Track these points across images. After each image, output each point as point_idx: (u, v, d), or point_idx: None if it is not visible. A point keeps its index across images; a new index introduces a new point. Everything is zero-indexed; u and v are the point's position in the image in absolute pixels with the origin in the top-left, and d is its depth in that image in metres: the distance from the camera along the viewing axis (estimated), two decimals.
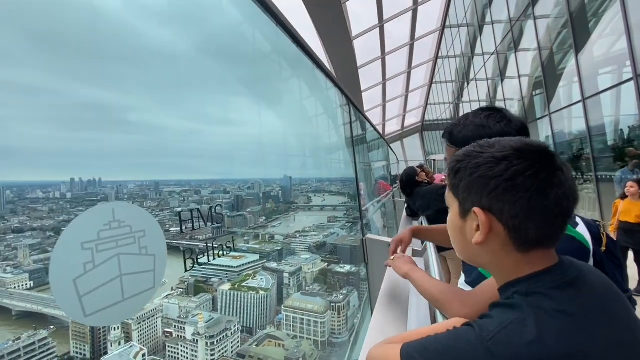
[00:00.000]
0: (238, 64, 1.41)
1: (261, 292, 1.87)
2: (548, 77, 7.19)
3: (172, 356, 1.63)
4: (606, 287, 0.57)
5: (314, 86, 2.65)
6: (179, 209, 0.81)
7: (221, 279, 1.81)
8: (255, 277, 1.91)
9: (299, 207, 2.15)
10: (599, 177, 5.60)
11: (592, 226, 0.81)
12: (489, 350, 0.48)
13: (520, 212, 0.53)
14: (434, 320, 0.98)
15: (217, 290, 1.80)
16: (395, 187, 7.72)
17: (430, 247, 1.72)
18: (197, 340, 1.65)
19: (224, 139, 1.05)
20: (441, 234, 1.54)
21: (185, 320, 1.69)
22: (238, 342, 1.75)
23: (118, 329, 1.53)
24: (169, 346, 1.63)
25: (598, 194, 5.59)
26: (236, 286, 1.85)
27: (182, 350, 1.64)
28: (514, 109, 9.23)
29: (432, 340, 0.55)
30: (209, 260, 0.93)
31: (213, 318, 1.73)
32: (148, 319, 1.60)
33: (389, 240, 2.79)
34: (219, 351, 1.68)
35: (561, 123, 6.93)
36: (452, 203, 0.63)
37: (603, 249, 0.82)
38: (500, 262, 0.58)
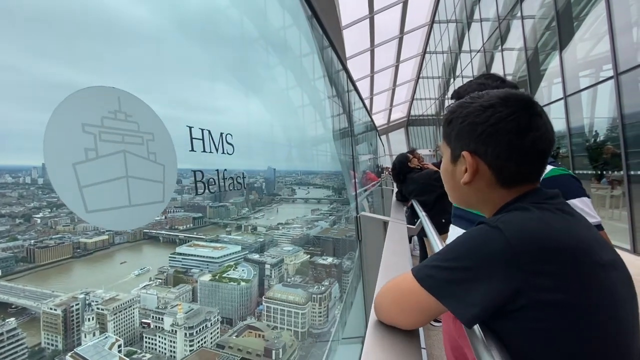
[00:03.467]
0: (223, 47, 1.36)
1: (242, 283, 1.86)
2: (532, 76, 7.36)
3: (149, 347, 1.60)
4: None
5: (303, 76, 2.61)
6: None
7: (201, 270, 1.79)
8: (236, 268, 1.89)
9: (282, 199, 2.13)
10: (576, 174, 5.81)
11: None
12: (497, 228, 0.52)
13: (501, 153, 0.59)
14: None
15: (197, 281, 1.77)
16: (382, 179, 7.80)
17: (429, 226, 1.74)
18: (175, 331, 1.63)
19: (204, 127, 1.02)
20: None
21: (163, 311, 1.66)
22: (218, 333, 1.74)
23: (92, 319, 1.49)
24: (146, 337, 1.60)
25: None
26: (217, 277, 1.83)
27: (159, 341, 1.61)
28: None
29: (442, 249, 0.59)
30: (220, 189, 0.86)
31: (192, 309, 1.71)
32: (125, 309, 1.56)
33: (381, 217, 2.81)
34: (198, 342, 1.66)
35: None
36: (444, 151, 0.69)
37: None
38: (488, 198, 0.64)
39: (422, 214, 2.22)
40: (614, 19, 4.66)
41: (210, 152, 0.81)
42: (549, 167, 1.04)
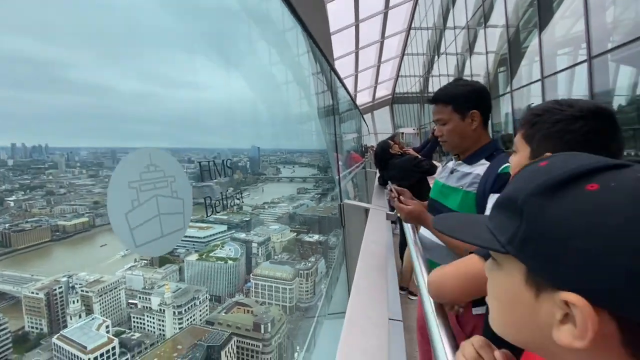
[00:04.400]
0: (203, 18, 1.29)
1: (230, 262, 1.87)
2: (513, 55, 7.42)
3: (138, 326, 1.61)
4: None
5: (288, 52, 2.53)
6: (199, 159, 0.92)
7: (188, 250, 1.78)
8: (223, 247, 1.89)
9: (267, 178, 2.12)
10: None
11: None
12: None
13: None
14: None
15: (183, 261, 1.77)
16: (367, 159, 7.85)
17: None
18: (164, 310, 1.64)
19: (184, 104, 0.98)
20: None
21: (150, 291, 1.66)
22: (207, 310, 1.76)
23: (77, 302, 1.47)
24: (134, 317, 1.61)
25: None
26: (204, 256, 1.83)
27: (148, 321, 1.62)
28: None
29: None
30: (224, 208, 1.09)
31: (180, 288, 1.71)
32: (110, 291, 1.55)
33: (363, 205, 2.87)
34: (187, 319, 1.68)
35: (521, 100, 7.28)
36: (522, 148, 0.77)
37: None
38: None
39: None
40: (589, 3, 4.70)
41: (215, 178, 1.02)
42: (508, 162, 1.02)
